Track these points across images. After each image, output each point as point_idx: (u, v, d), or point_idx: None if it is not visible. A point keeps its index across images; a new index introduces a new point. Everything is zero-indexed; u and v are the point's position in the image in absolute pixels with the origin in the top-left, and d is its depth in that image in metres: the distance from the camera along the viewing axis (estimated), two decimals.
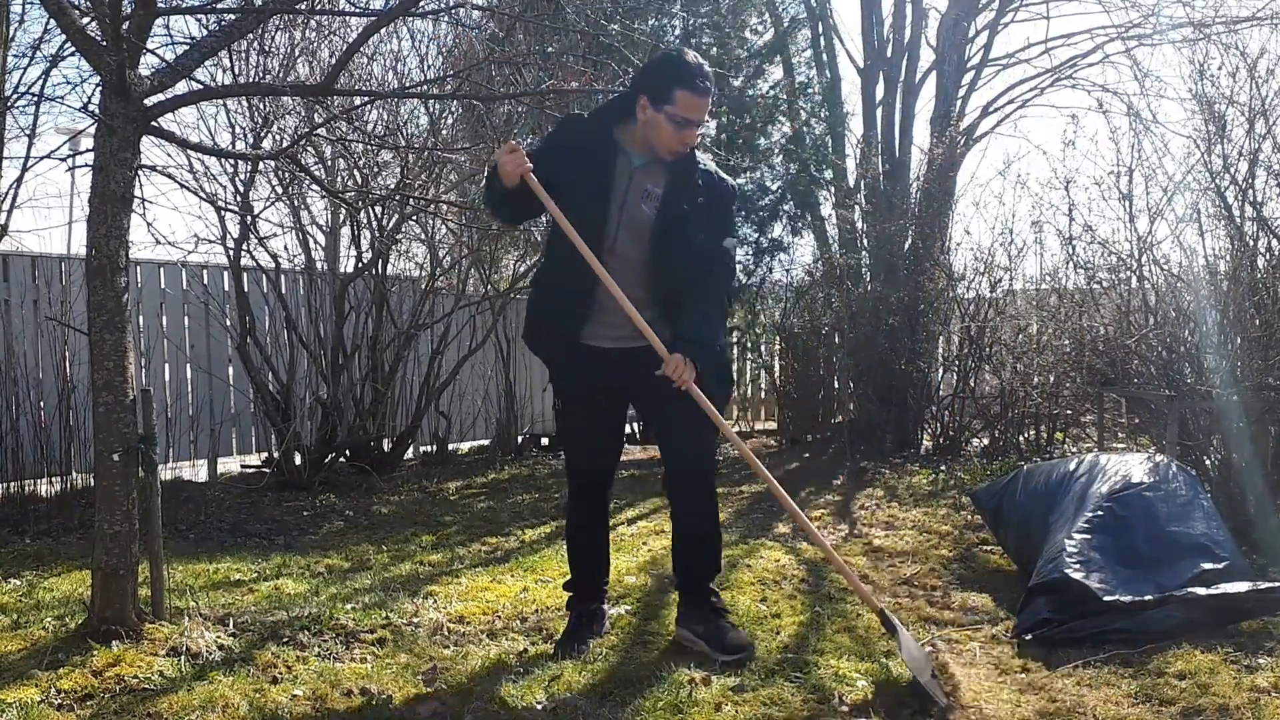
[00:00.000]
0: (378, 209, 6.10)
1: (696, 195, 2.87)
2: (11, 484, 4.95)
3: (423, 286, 6.69)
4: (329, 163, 6.15)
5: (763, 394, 9.48)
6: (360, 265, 6.29)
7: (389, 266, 6.52)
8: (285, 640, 2.90)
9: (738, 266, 3.04)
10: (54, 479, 5.04)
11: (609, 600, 3.24)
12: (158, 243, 3.90)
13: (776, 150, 9.01)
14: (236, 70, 4.76)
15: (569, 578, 3.14)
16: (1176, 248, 5.20)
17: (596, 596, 3.12)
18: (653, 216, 2.85)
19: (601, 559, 3.14)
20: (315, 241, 6.33)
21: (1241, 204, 4.52)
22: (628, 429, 5.93)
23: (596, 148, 2.88)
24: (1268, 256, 4.51)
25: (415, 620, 3.15)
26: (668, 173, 2.88)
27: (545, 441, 8.25)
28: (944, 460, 6.40)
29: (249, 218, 5.57)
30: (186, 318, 6.27)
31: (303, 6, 4.02)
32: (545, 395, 8.88)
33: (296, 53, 5.19)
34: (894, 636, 2.77)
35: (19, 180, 4.41)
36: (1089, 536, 3.17)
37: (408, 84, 5.61)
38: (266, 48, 4.93)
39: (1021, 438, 6.59)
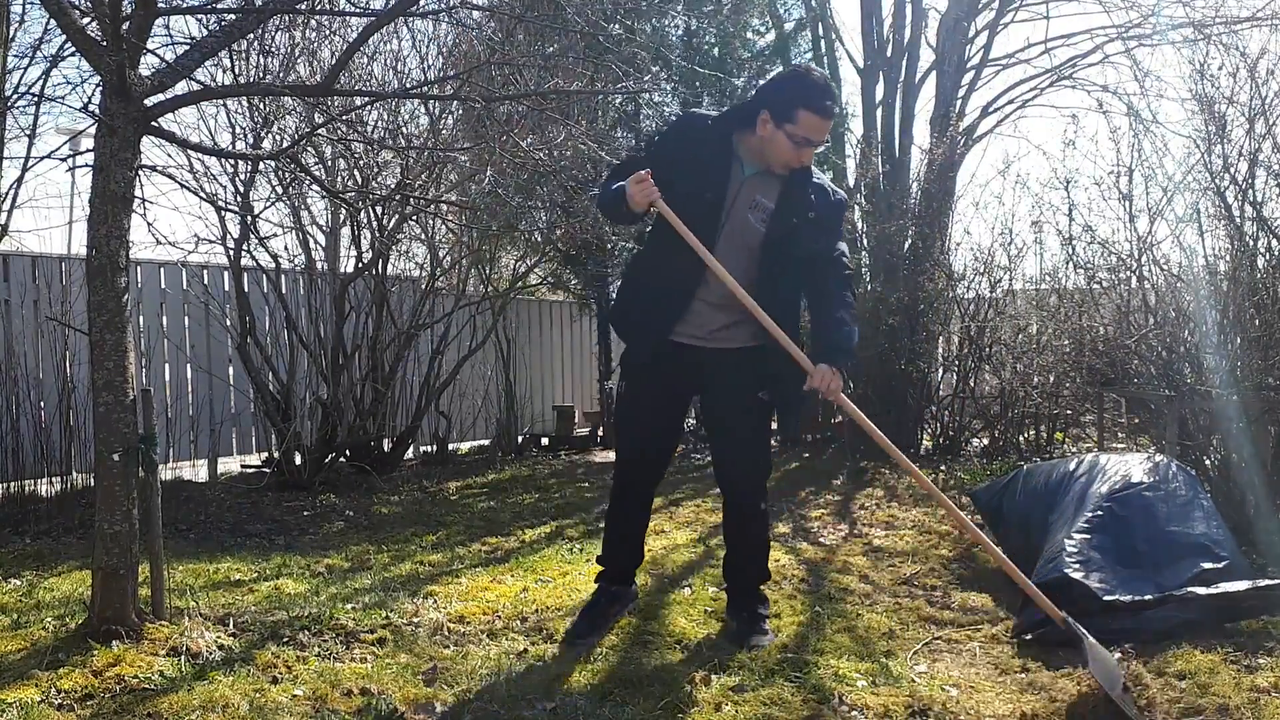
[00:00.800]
0: (378, 209, 6.10)
1: (808, 209, 2.90)
2: (11, 484, 4.95)
3: (423, 286, 6.70)
4: (329, 163, 6.14)
5: None
6: (360, 265, 6.29)
7: (389, 266, 6.53)
8: (285, 640, 2.90)
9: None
10: (54, 479, 5.04)
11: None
12: (158, 243, 3.90)
13: None
14: (236, 70, 4.75)
15: (601, 555, 3.22)
16: (1176, 248, 5.19)
17: (624, 579, 3.21)
18: (758, 227, 2.89)
19: (636, 549, 3.22)
20: (315, 241, 6.33)
21: (1241, 204, 4.51)
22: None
23: (714, 153, 2.90)
24: (1268, 256, 4.51)
25: (415, 620, 3.15)
26: (780, 185, 2.90)
27: (545, 441, 8.26)
28: (944, 460, 6.40)
29: (249, 218, 5.57)
30: (186, 318, 6.28)
31: (303, 6, 4.01)
32: (545, 395, 8.90)
33: (296, 53, 5.18)
34: (1079, 646, 2.57)
35: (19, 180, 4.42)
36: (1089, 536, 3.17)
37: (408, 84, 5.61)
38: (266, 48, 4.93)
39: (1021, 438, 6.59)
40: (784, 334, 2.81)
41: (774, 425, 3.05)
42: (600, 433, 8.34)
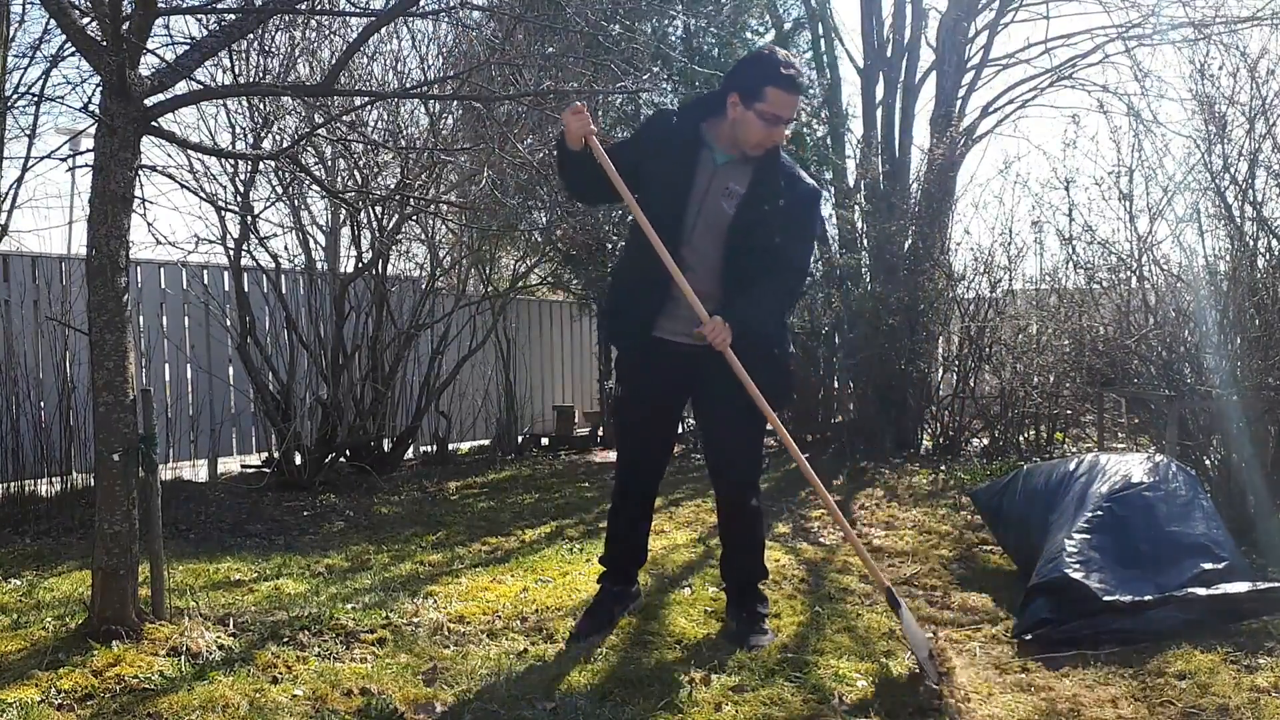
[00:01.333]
0: (378, 209, 6.10)
1: (778, 197, 2.90)
2: (11, 484, 4.95)
3: (423, 286, 6.70)
4: (329, 163, 6.14)
5: None
6: (360, 265, 6.29)
7: (389, 266, 6.53)
8: (285, 640, 2.90)
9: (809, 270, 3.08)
10: (54, 479, 5.04)
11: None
12: (158, 243, 3.91)
13: None
14: (236, 70, 4.75)
15: (603, 555, 3.24)
16: (1176, 248, 5.23)
17: (627, 580, 3.23)
18: (729, 212, 2.90)
19: (638, 549, 3.23)
20: (315, 241, 6.33)
21: (1241, 204, 4.52)
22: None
23: (682, 142, 2.92)
24: (1268, 256, 4.51)
25: (415, 620, 3.16)
26: (751, 172, 2.91)
27: (545, 441, 8.26)
28: (944, 460, 6.40)
29: (249, 218, 5.56)
30: (186, 318, 6.28)
31: (303, 6, 4.01)
32: (545, 395, 8.90)
33: (296, 53, 5.18)
34: (897, 613, 2.81)
35: (19, 180, 4.41)
36: (1089, 536, 3.17)
37: (408, 84, 5.61)
38: (266, 48, 4.92)
39: (1021, 438, 6.59)
40: (690, 287, 2.80)
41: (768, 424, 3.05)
42: (600, 433, 8.34)
